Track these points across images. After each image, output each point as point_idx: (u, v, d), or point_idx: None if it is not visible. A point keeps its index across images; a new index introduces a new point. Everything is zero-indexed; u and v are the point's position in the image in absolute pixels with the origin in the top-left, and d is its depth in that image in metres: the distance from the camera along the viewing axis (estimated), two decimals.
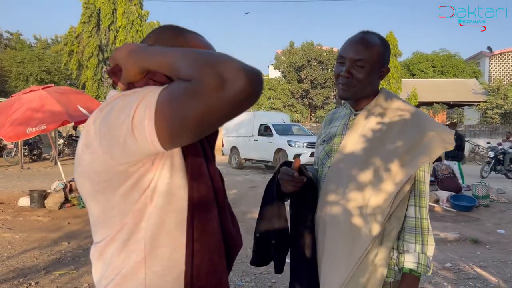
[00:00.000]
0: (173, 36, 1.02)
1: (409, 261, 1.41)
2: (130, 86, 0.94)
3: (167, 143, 0.82)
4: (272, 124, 15.31)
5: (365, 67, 1.45)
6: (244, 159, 15.99)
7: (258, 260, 1.62)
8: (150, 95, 0.82)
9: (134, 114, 0.81)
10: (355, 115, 1.57)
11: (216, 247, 0.97)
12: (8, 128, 6.40)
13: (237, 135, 16.41)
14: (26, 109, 6.63)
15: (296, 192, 1.48)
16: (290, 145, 13.82)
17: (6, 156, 16.18)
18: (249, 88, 0.76)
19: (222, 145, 17.15)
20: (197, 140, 0.89)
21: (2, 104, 7.49)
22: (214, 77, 0.75)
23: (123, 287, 0.94)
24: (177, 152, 0.93)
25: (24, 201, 7.57)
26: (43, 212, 7.04)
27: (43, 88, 7.23)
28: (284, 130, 15.17)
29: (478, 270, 4.68)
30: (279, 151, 14.16)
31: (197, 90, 0.76)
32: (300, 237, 1.53)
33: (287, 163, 1.54)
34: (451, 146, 1.45)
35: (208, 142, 1.02)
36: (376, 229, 1.39)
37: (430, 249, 1.44)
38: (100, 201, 0.93)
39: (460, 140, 10.64)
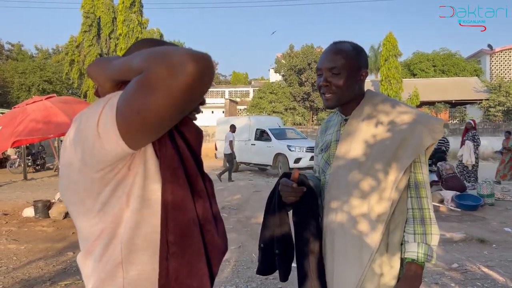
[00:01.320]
0: (147, 47, 1.04)
1: (408, 251, 1.45)
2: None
3: (131, 140, 0.84)
4: (269, 129, 15.64)
5: (340, 73, 1.51)
6: (240, 162, 16.29)
7: (263, 269, 1.67)
8: (113, 99, 0.86)
9: (99, 118, 0.85)
10: (346, 120, 1.62)
11: (196, 251, 0.97)
12: (15, 141, 6.41)
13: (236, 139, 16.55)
14: (30, 120, 6.65)
15: (298, 201, 1.52)
16: (290, 149, 14.12)
17: (10, 167, 16.22)
18: (198, 69, 0.78)
19: (216, 149, 17.41)
20: (161, 134, 0.91)
21: (7, 115, 7.51)
22: (162, 65, 0.77)
23: None
24: (151, 157, 0.95)
25: (29, 212, 7.58)
26: (48, 222, 7.04)
27: (46, 99, 7.25)
28: (280, 134, 15.53)
29: (485, 270, 4.64)
30: (278, 155, 14.37)
31: (147, 81, 0.78)
32: (305, 244, 1.55)
33: (287, 175, 1.57)
34: (439, 135, 1.48)
35: (188, 146, 1.02)
36: (382, 225, 1.44)
37: (434, 238, 1.46)
38: (82, 211, 0.96)
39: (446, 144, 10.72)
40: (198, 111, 1.15)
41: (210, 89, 40.18)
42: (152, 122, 0.82)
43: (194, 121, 1.09)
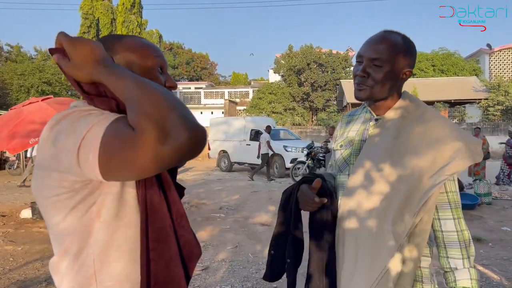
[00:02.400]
0: (111, 43, 1.04)
1: (462, 279, 1.33)
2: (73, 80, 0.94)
3: (108, 177, 0.86)
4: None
5: (382, 66, 1.37)
6: (234, 162, 16.63)
7: (271, 275, 1.60)
8: (97, 128, 0.85)
9: (80, 145, 0.84)
10: (376, 120, 1.48)
11: (173, 255, 0.98)
12: (11, 142, 6.42)
13: (225, 139, 16.95)
14: (27, 121, 6.66)
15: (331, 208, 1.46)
16: (286, 150, 14.42)
17: (9, 168, 16.24)
18: (190, 143, 0.79)
19: (209, 149, 17.73)
20: (139, 179, 0.92)
21: (3, 117, 7.52)
22: (156, 130, 0.77)
23: None
24: None
25: (26, 213, 7.59)
26: (45, 224, 7.04)
27: (42, 100, 7.25)
28: (275, 135, 15.79)
29: (481, 268, 4.64)
30: (274, 156, 14.51)
31: (139, 142, 0.78)
32: (318, 247, 1.47)
33: (307, 179, 1.50)
34: (479, 158, 1.34)
35: None
36: (397, 244, 1.31)
37: (472, 260, 1.37)
38: (53, 215, 0.95)
39: None
40: None
41: (209, 90, 40.10)
42: (135, 173, 0.84)
43: None
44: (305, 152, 12.82)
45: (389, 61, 1.37)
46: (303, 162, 12.63)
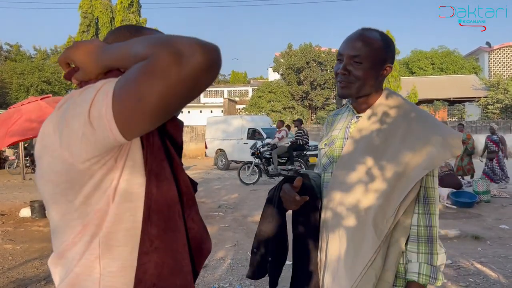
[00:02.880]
0: (129, 34, 1.01)
1: (410, 272, 1.35)
2: (84, 83, 0.93)
3: (126, 129, 0.79)
4: (262, 128, 16.18)
5: (362, 63, 1.39)
6: (231, 160, 16.81)
7: (253, 273, 1.61)
8: (108, 84, 0.80)
9: (92, 104, 0.79)
10: (358, 117, 1.50)
11: (180, 247, 0.93)
12: (9, 140, 6.43)
13: (222, 137, 17.08)
14: (24, 119, 6.66)
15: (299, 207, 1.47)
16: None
17: (8, 167, 16.25)
18: (206, 61, 0.75)
19: (206, 147, 17.98)
20: (158, 125, 0.85)
21: (2, 116, 7.52)
22: (170, 52, 0.73)
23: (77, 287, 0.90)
24: (138, 148, 0.91)
25: (26, 212, 7.59)
26: (44, 223, 7.05)
27: (41, 99, 7.26)
28: (272, 133, 15.89)
29: (479, 266, 4.66)
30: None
31: (153, 68, 0.74)
32: (302, 244, 1.49)
33: (290, 179, 1.50)
34: (458, 151, 1.35)
35: (171, 139, 0.98)
36: (379, 239, 1.32)
37: (441, 258, 1.36)
38: (61, 204, 0.90)
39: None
40: None
41: (209, 89, 40.13)
42: (153, 110, 0.77)
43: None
44: (251, 152, 12.47)
45: (368, 58, 1.39)
46: (250, 163, 12.36)
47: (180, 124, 0.99)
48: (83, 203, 0.87)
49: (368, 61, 1.39)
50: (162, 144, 0.93)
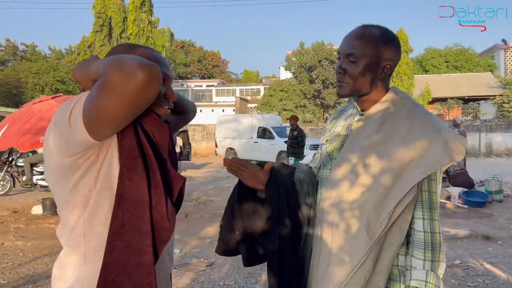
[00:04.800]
0: (123, 52, 1.20)
1: (415, 279, 1.28)
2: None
3: (93, 132, 1.02)
4: (272, 127, 16.15)
5: (357, 61, 1.36)
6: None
7: (222, 250, 1.60)
8: (82, 98, 1.04)
9: (71, 112, 1.03)
10: (361, 115, 1.47)
11: (146, 231, 1.09)
12: (21, 139, 6.53)
13: (233, 136, 17.10)
14: (37, 119, 6.76)
15: (273, 190, 1.47)
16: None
17: None
18: (145, 78, 0.95)
19: (216, 146, 18.04)
20: (119, 129, 1.06)
21: (14, 115, 7.64)
22: (116, 72, 0.96)
23: (69, 259, 1.14)
24: (115, 146, 1.10)
25: (37, 209, 7.71)
26: (55, 220, 7.16)
27: (52, 98, 7.35)
28: (282, 132, 15.85)
29: (488, 266, 4.59)
30: (282, 153, 14.64)
31: (104, 85, 0.97)
32: (286, 238, 1.47)
33: (283, 164, 1.56)
34: (459, 157, 1.28)
35: (150, 140, 1.15)
36: (371, 241, 1.29)
37: (442, 266, 1.30)
38: (58, 189, 1.13)
39: (301, 137, 10.45)
40: (169, 106, 1.24)
41: (221, 88, 40.21)
42: (108, 118, 1.00)
43: (163, 117, 1.23)
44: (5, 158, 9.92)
45: (363, 55, 1.36)
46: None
47: (157, 123, 1.17)
48: (72, 189, 1.10)
49: (363, 59, 1.36)
50: (137, 143, 1.10)
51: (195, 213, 7.62)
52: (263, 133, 16.19)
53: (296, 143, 10.42)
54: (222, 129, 17.90)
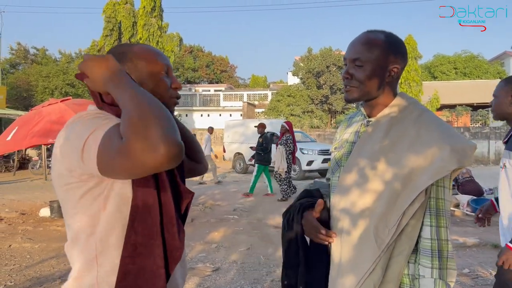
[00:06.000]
0: (124, 51, 1.22)
1: None
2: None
3: (106, 174, 1.00)
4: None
5: (363, 66, 1.36)
6: (249, 164, 16.54)
7: None
8: (98, 132, 1.00)
9: (85, 144, 1.00)
10: (368, 122, 1.46)
11: (159, 253, 1.08)
12: (30, 141, 6.59)
13: (241, 141, 17.09)
14: (46, 121, 6.82)
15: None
16: (303, 152, 14.41)
17: (31, 168, 16.63)
18: (166, 156, 0.90)
19: (224, 151, 18.00)
20: (129, 178, 1.06)
21: (24, 117, 7.71)
22: (140, 142, 0.90)
23: (79, 281, 1.11)
24: None
25: (45, 212, 7.76)
26: (63, 222, 7.09)
27: (61, 101, 7.41)
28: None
29: None
30: None
31: (124, 150, 0.92)
32: (313, 255, 1.48)
33: (309, 193, 1.51)
34: (467, 162, 1.26)
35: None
36: (380, 249, 1.27)
37: (451, 274, 1.27)
38: (65, 200, 1.12)
39: (266, 143, 10.36)
40: (178, 96, 1.30)
41: (228, 93, 40.23)
42: (122, 174, 0.99)
43: (173, 109, 1.29)
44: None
45: (369, 60, 1.36)
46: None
47: None
48: (79, 202, 1.08)
49: (369, 64, 1.36)
50: None
51: (201, 218, 7.61)
52: (271, 138, 16.22)
53: (261, 150, 10.41)
54: (230, 133, 17.91)
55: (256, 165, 10.47)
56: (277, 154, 9.82)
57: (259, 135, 10.89)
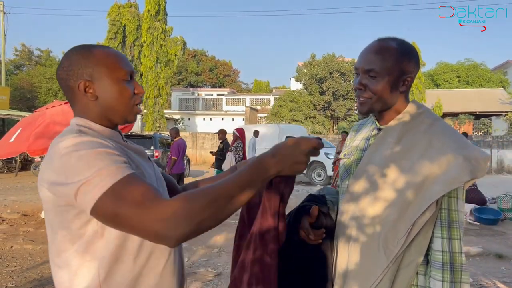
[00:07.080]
0: (82, 56, 1.13)
1: None
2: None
3: (96, 217, 0.97)
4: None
5: (377, 77, 1.33)
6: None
7: None
8: (105, 178, 0.94)
9: (81, 185, 0.93)
10: (379, 129, 1.43)
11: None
12: (33, 144, 6.59)
13: (259, 146, 16.94)
14: (49, 123, 6.83)
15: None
16: (328, 157, 14.08)
17: (34, 169, 16.63)
18: (171, 243, 0.92)
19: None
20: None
21: (27, 119, 7.73)
22: (180, 217, 0.91)
23: None
24: None
25: None
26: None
27: (65, 103, 7.43)
28: None
29: (501, 285, 4.50)
30: (312, 163, 14.36)
31: (137, 226, 0.91)
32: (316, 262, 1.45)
33: (313, 198, 1.48)
34: (481, 174, 1.23)
35: None
36: (388, 259, 1.25)
37: (461, 286, 1.23)
38: (51, 220, 1.07)
39: (226, 149, 10.38)
40: (140, 101, 1.23)
41: (231, 97, 40.20)
42: (122, 229, 0.98)
43: (135, 117, 1.22)
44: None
45: (384, 71, 1.33)
46: None
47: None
48: (68, 225, 1.02)
49: (383, 75, 1.33)
50: None
51: None
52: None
53: (221, 155, 10.48)
54: (248, 138, 17.71)
55: (215, 170, 10.57)
56: (226, 161, 9.93)
57: (220, 141, 10.99)
